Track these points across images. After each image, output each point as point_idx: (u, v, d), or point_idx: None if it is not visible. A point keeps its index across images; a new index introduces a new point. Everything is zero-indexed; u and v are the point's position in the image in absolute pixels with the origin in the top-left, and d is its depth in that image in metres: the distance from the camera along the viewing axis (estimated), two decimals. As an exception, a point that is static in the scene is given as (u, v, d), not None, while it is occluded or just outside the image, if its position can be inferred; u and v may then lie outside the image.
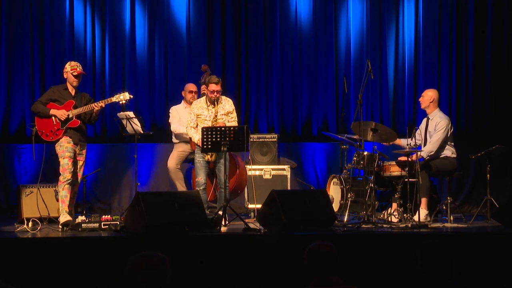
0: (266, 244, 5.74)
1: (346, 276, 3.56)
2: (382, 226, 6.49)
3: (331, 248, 3.52)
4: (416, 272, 3.34)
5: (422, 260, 3.32)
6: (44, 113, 6.68)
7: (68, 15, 9.25)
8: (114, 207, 8.91)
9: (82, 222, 6.25)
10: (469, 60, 9.52)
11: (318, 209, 6.34)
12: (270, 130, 9.46)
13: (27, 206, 7.27)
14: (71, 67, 6.76)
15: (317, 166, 9.36)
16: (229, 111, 7.18)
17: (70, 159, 6.60)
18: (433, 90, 7.53)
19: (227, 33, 9.57)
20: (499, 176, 8.53)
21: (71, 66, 6.77)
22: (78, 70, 6.74)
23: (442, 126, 7.24)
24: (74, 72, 6.73)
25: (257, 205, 7.51)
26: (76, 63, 6.82)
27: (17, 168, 8.90)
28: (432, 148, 7.21)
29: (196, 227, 6.02)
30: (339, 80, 9.56)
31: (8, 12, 9.13)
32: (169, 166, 7.80)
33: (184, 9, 9.51)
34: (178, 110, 8.10)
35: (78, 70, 6.74)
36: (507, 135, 9.13)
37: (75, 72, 6.73)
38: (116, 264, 3.99)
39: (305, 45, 9.65)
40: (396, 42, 9.65)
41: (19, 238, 5.99)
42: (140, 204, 5.85)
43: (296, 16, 9.62)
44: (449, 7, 9.53)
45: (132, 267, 2.89)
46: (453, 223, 6.89)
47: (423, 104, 7.43)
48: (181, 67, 9.49)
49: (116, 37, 9.40)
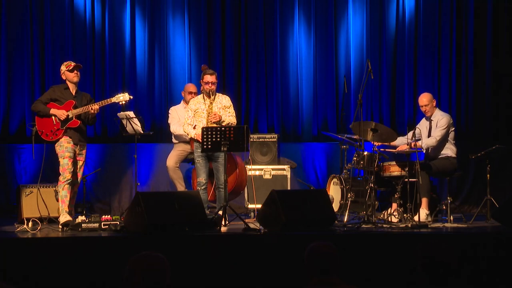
0: (266, 244, 5.73)
1: (346, 276, 3.56)
2: (382, 226, 6.49)
3: (331, 248, 3.52)
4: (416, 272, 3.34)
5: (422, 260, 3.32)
6: (44, 112, 6.68)
7: (69, 15, 9.25)
8: (114, 207, 8.91)
9: (82, 222, 6.25)
10: (469, 60, 9.51)
11: (318, 209, 6.33)
12: (270, 130, 9.46)
13: (27, 206, 7.27)
14: (65, 65, 6.78)
15: (317, 166, 9.36)
16: (226, 105, 7.19)
17: (70, 159, 6.60)
18: (428, 95, 7.48)
19: (227, 33, 9.57)
20: (499, 176, 8.53)
21: (65, 65, 6.79)
22: (72, 64, 6.75)
23: (444, 123, 7.26)
24: (69, 67, 6.73)
25: (257, 205, 7.51)
26: (69, 61, 6.84)
27: (17, 168, 8.89)
28: (433, 142, 7.20)
29: (196, 227, 6.02)
30: (339, 80, 9.56)
31: (8, 12, 9.13)
32: (168, 164, 7.79)
33: (184, 9, 9.51)
34: (178, 110, 8.09)
35: (72, 64, 6.75)
36: (507, 135, 9.13)
37: (70, 66, 6.73)
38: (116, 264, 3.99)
39: (305, 45, 9.65)
40: (396, 42, 9.65)
41: (19, 238, 5.99)
42: (140, 204, 5.85)
43: (297, 16, 9.62)
44: (449, 6, 9.53)
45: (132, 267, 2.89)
46: (453, 223, 6.89)
47: (429, 112, 7.39)
48: (181, 67, 9.49)
49: (116, 37, 9.40)
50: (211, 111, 7.07)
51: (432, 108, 7.40)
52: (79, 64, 6.86)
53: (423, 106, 7.42)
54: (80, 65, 6.88)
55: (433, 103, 7.41)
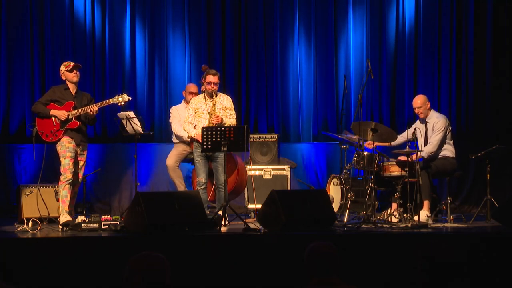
0: (266, 244, 5.73)
1: (346, 276, 3.56)
2: (382, 226, 6.49)
3: (331, 248, 3.52)
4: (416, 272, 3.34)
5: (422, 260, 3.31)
6: (44, 113, 6.68)
7: (69, 15, 9.25)
8: (114, 207, 8.91)
9: (82, 222, 6.25)
10: (469, 60, 9.51)
11: (318, 209, 6.33)
12: (270, 130, 9.46)
13: (27, 206, 7.27)
14: (65, 65, 6.79)
15: (317, 166, 9.35)
16: (227, 107, 7.18)
17: (71, 159, 6.60)
18: (423, 97, 7.49)
19: (227, 33, 9.57)
20: (499, 176, 8.52)
21: (64, 65, 6.79)
22: (71, 64, 6.75)
23: (440, 126, 7.27)
24: (68, 67, 6.74)
25: (257, 205, 7.51)
26: (68, 61, 6.85)
27: (17, 168, 8.89)
28: (433, 148, 7.23)
29: (196, 227, 6.02)
30: (339, 80, 9.56)
31: (8, 12, 9.13)
32: (168, 163, 7.78)
33: (184, 9, 9.51)
34: (179, 110, 8.09)
35: (71, 64, 6.75)
36: (507, 135, 9.12)
37: (69, 67, 6.74)
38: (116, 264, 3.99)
39: (305, 45, 9.65)
40: (396, 42, 9.65)
41: (19, 238, 5.99)
42: (140, 204, 5.85)
43: (297, 16, 9.62)
44: (449, 6, 9.53)
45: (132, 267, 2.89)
46: (453, 223, 6.89)
47: (423, 114, 7.41)
48: (181, 67, 9.49)
49: (116, 37, 9.40)
50: (213, 113, 7.06)
51: (426, 111, 7.41)
52: (78, 64, 6.86)
53: (416, 108, 7.43)
54: (79, 65, 6.87)
55: (427, 106, 7.42)
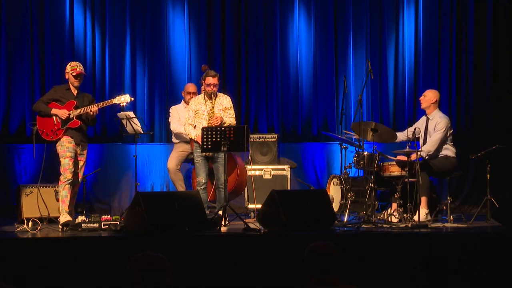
0: (266, 244, 5.74)
1: (346, 276, 3.56)
2: (382, 226, 6.49)
3: (331, 248, 3.52)
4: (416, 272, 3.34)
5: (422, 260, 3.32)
6: (46, 112, 6.69)
7: (68, 15, 9.25)
8: (114, 207, 8.90)
9: (82, 222, 6.25)
10: (469, 60, 9.51)
11: (318, 209, 6.34)
12: (270, 130, 9.45)
13: (27, 206, 7.27)
14: (71, 67, 6.79)
15: (317, 166, 9.35)
16: (226, 107, 7.18)
17: (71, 159, 6.61)
18: (434, 91, 7.53)
19: (227, 33, 9.57)
20: (499, 176, 8.53)
21: (71, 67, 6.79)
22: (77, 70, 6.75)
23: (442, 126, 7.26)
24: (73, 72, 6.76)
25: (257, 205, 7.51)
26: (76, 63, 6.85)
27: (17, 168, 8.89)
28: (431, 148, 7.22)
29: (196, 227, 6.02)
30: (339, 80, 9.56)
31: (8, 12, 9.13)
32: (169, 167, 7.78)
33: (184, 9, 9.51)
34: (178, 109, 8.10)
35: (77, 70, 6.76)
36: (507, 135, 9.12)
37: (74, 72, 6.75)
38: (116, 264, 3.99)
39: (305, 45, 9.65)
40: (396, 42, 9.64)
41: (19, 238, 6.00)
42: (140, 204, 5.85)
43: (297, 16, 9.62)
44: (449, 6, 9.53)
45: (132, 267, 2.89)
46: (453, 223, 6.89)
47: (423, 103, 7.44)
48: (181, 67, 9.49)
49: (116, 37, 9.39)
50: (213, 114, 7.07)
51: (430, 104, 7.39)
52: (84, 73, 6.91)
53: (422, 96, 7.46)
54: (85, 74, 6.95)
55: (433, 100, 7.39)
